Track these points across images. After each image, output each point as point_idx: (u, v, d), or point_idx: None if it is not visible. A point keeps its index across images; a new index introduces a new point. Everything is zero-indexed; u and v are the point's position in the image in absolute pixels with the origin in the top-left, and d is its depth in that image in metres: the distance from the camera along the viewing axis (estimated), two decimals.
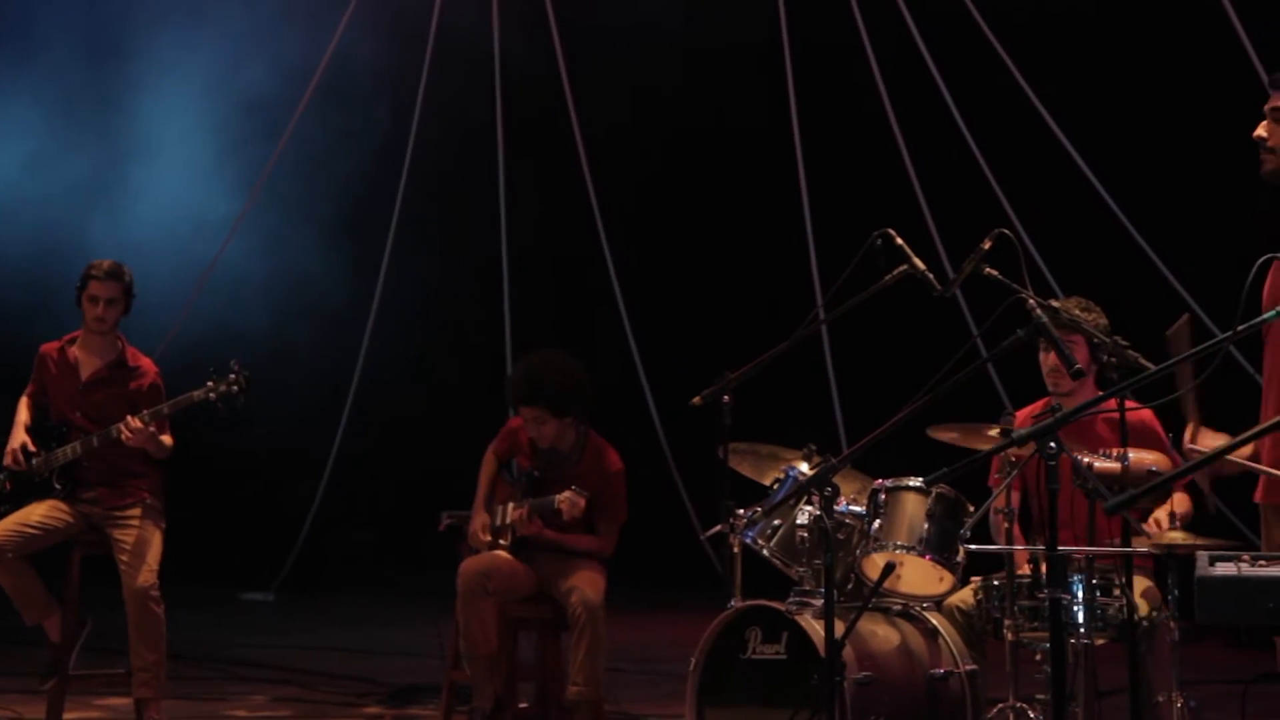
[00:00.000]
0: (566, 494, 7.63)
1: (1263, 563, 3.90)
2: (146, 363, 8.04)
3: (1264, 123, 5.32)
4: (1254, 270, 4.28)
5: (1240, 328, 4.27)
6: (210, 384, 7.75)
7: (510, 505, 7.86)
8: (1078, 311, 6.58)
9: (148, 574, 7.71)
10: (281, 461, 14.28)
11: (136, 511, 7.84)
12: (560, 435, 7.91)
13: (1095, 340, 6.40)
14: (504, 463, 8.12)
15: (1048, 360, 6.89)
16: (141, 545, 7.75)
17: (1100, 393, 6.14)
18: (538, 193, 14.05)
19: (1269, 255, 4.39)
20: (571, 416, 7.88)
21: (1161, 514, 6.58)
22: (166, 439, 7.80)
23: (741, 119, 13.20)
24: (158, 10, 13.40)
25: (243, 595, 14.12)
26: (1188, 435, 5.66)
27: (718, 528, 6.75)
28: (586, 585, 7.63)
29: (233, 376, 7.77)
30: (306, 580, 14.44)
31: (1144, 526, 6.48)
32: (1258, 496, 5.34)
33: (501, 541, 7.85)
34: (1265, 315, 4.36)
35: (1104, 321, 6.71)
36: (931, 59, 12.51)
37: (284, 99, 13.73)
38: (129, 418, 7.64)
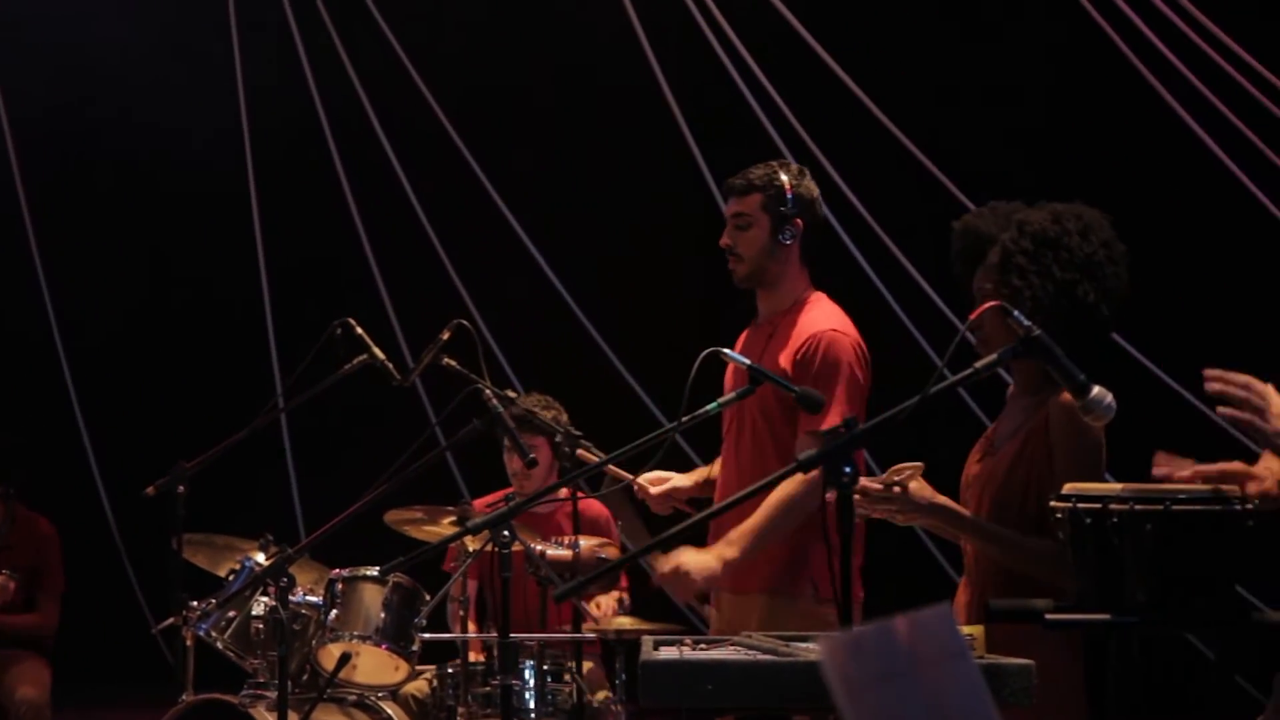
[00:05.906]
0: None
1: (703, 646, 4.06)
2: None
3: (727, 229, 5.50)
4: (697, 363, 4.44)
5: (685, 419, 4.44)
6: None
7: None
8: (540, 410, 6.73)
9: None
10: None
11: None
12: None
13: (551, 434, 6.53)
14: None
15: (512, 463, 7.06)
16: None
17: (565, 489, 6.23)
18: None
19: (711, 349, 4.57)
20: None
21: (607, 600, 6.79)
22: None
23: (201, 205, 12.97)
24: None
25: None
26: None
27: (170, 620, 6.61)
28: (29, 683, 7.39)
29: None
30: None
31: (587, 608, 6.65)
32: None
33: None
34: (707, 407, 4.54)
35: (564, 418, 6.89)
36: (389, 143, 12.58)
37: None
38: None
